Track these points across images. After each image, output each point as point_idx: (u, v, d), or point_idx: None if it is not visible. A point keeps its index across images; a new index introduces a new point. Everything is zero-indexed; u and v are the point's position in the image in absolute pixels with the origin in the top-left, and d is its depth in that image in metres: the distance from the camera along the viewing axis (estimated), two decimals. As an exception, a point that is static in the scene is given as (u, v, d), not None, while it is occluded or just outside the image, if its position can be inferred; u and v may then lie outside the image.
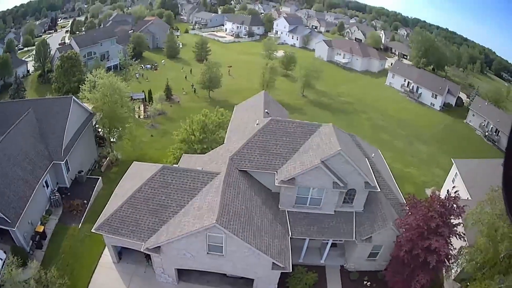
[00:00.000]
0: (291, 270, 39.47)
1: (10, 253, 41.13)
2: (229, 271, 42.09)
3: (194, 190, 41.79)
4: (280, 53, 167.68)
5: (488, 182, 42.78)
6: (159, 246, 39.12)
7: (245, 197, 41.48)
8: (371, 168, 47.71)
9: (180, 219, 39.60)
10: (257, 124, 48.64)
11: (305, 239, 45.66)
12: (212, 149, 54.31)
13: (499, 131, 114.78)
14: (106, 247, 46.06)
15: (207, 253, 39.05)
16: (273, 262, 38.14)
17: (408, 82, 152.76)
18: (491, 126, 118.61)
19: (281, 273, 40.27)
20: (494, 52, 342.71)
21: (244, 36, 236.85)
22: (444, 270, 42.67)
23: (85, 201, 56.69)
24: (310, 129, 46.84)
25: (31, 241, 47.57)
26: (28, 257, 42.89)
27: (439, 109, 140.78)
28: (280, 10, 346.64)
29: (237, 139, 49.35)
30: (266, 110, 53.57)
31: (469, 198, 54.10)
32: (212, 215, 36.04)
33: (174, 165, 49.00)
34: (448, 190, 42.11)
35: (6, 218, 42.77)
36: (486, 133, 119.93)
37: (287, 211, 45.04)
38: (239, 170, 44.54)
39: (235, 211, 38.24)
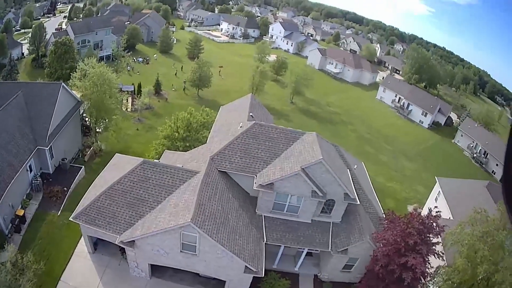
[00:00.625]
0: (263, 275, 38.97)
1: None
2: (201, 271, 41.66)
3: (172, 187, 41.44)
4: (272, 58, 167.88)
5: (471, 203, 42.87)
6: (134, 241, 38.69)
7: (222, 198, 41.03)
8: (352, 180, 47.30)
9: (156, 215, 39.17)
10: (241, 126, 48.07)
11: (280, 245, 45.21)
12: (195, 147, 53.96)
13: (487, 154, 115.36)
14: (82, 236, 45.51)
15: (181, 251, 38.62)
16: (245, 266, 37.79)
17: (399, 97, 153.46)
18: (480, 148, 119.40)
19: (254, 277, 39.69)
20: (489, 75, 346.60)
21: (239, 38, 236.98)
22: (421, 286, 42.31)
23: (65, 188, 56.11)
24: (294, 136, 46.44)
25: (10, 224, 47.05)
26: (6, 240, 42.30)
27: (427, 127, 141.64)
28: (277, 15, 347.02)
29: (219, 140, 48.86)
30: (251, 114, 52.94)
31: (451, 218, 54.18)
32: (188, 213, 35.62)
33: (155, 160, 48.52)
34: (429, 208, 41.96)
35: (-14, 199, 42.10)
36: (474, 155, 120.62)
37: (264, 216, 44.60)
38: (219, 170, 44.14)
39: (211, 212, 37.80)
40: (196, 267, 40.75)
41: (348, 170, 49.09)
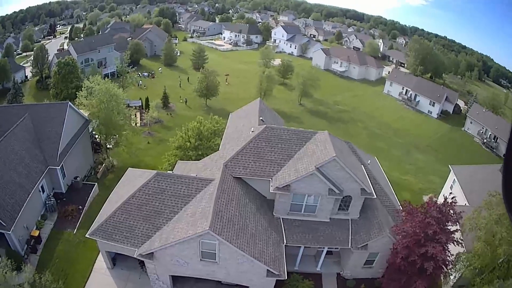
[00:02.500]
0: (286, 278, 38.94)
1: (4, 257, 40.29)
2: (223, 278, 41.40)
3: (188, 197, 41.43)
4: (277, 62, 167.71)
5: (486, 188, 42.55)
6: (152, 253, 38.65)
7: (239, 204, 41.06)
8: (367, 174, 47.37)
9: (173, 226, 39.20)
10: (252, 131, 48.27)
11: (300, 246, 45.21)
12: (207, 155, 53.92)
13: (497, 138, 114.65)
14: (100, 252, 45.73)
15: (200, 260, 38.47)
16: (267, 269, 37.65)
17: (406, 90, 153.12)
18: (489, 133, 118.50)
19: (277, 280, 39.64)
20: (492, 59, 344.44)
21: (242, 45, 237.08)
22: (442, 277, 42.06)
23: (80, 207, 56.42)
24: (305, 136, 46.51)
25: (26, 245, 47.23)
26: (23, 261, 42.11)
27: (436, 116, 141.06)
28: (278, 19, 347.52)
29: (231, 146, 48.93)
30: (261, 118, 53.12)
31: (467, 204, 53.88)
32: (205, 221, 35.64)
33: (168, 172, 48.62)
34: (444, 196, 41.91)
35: (1, 221, 42.45)
36: (485, 140, 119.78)
37: (282, 218, 44.64)
38: (233, 176, 44.20)
39: (229, 218, 37.84)
40: (217, 275, 40.57)
41: (362, 165, 49.09)
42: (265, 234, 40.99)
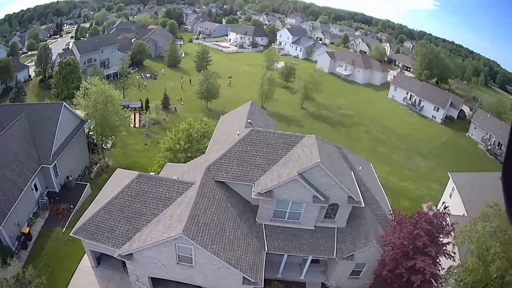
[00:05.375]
0: (262, 286, 37.94)
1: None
2: (200, 283, 40.67)
3: (169, 200, 41.24)
4: (281, 64, 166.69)
5: (486, 197, 41.17)
6: (131, 254, 38.62)
7: (219, 209, 40.34)
8: (357, 181, 45.99)
9: (152, 228, 39.04)
10: (238, 134, 47.19)
11: (283, 254, 44.08)
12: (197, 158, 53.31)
13: (501, 145, 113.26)
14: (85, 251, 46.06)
15: (177, 263, 38.23)
16: (243, 277, 36.95)
17: (411, 95, 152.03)
18: (494, 139, 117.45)
19: (256, 288, 38.89)
20: (499, 65, 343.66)
21: (247, 47, 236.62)
22: (433, 289, 40.70)
23: (72, 206, 57.62)
24: (292, 140, 45.17)
25: (16, 241, 48.47)
26: (13, 256, 42.51)
27: (440, 122, 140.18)
28: (285, 21, 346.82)
29: (217, 149, 48.10)
30: (249, 120, 52.10)
31: (466, 214, 52.76)
32: (180, 225, 35.31)
33: (151, 174, 48.50)
34: (437, 207, 40.70)
35: (-8, 217, 43.31)
36: (489, 147, 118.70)
37: (264, 224, 43.56)
38: (216, 180, 43.28)
39: (205, 223, 37.21)
40: (195, 280, 40.07)
41: (352, 172, 47.74)
42: (245, 240, 40.20)
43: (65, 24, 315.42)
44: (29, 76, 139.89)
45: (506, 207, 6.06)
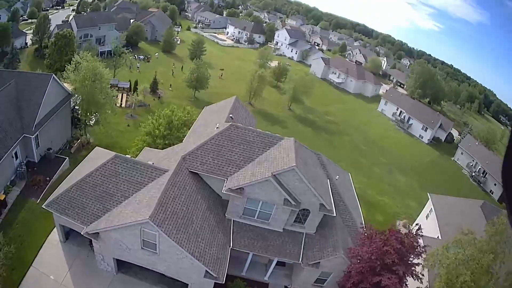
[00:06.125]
0: (223, 282, 37.75)
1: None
2: (163, 271, 40.50)
3: (141, 184, 41.11)
4: (274, 64, 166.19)
5: (463, 223, 41.18)
6: (98, 233, 38.60)
7: (189, 199, 40.09)
8: (332, 190, 45.71)
9: (121, 210, 38.93)
10: (217, 127, 46.75)
11: (249, 252, 43.72)
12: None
13: (486, 173, 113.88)
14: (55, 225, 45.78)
15: (142, 248, 38.11)
16: (206, 270, 36.80)
17: (401, 111, 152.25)
18: (479, 167, 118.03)
19: (218, 283, 38.39)
20: (495, 94, 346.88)
21: (244, 43, 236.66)
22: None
23: (48, 178, 57.11)
24: (271, 141, 44.80)
25: None
26: None
27: (427, 142, 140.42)
28: (286, 22, 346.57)
29: (194, 140, 47.78)
30: (230, 115, 51.60)
31: (439, 237, 52.58)
32: (148, 211, 35.10)
33: (127, 156, 47.59)
34: (411, 225, 40.43)
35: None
36: (473, 174, 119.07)
37: (233, 220, 43.33)
38: (189, 171, 42.97)
39: (174, 211, 37.01)
40: (158, 267, 39.95)
41: (328, 180, 47.40)
42: (211, 234, 40.00)
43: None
44: (26, 43, 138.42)
45: (507, 207, 5.41)
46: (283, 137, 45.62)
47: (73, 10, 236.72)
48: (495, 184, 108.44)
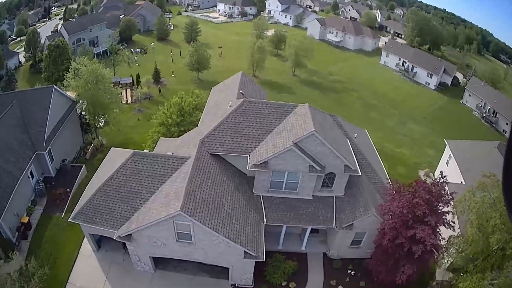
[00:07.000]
0: (264, 259, 37.80)
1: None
2: (201, 259, 40.52)
3: (164, 176, 40.85)
4: (271, 32, 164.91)
5: (483, 166, 40.58)
6: (130, 234, 38.36)
7: (215, 182, 39.91)
8: (353, 149, 45.48)
9: (149, 206, 38.67)
10: (230, 106, 46.49)
11: (282, 225, 43.65)
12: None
13: (496, 113, 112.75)
14: (85, 236, 45.54)
15: (177, 240, 38.05)
16: (244, 251, 36.71)
17: (403, 61, 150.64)
18: (488, 107, 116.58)
19: (260, 261, 38.56)
20: (492, 34, 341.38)
21: (237, 17, 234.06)
22: (434, 259, 40.02)
23: (68, 190, 56.59)
24: (285, 110, 44.59)
25: (16, 232, 47.65)
26: (15, 249, 42.15)
27: (434, 88, 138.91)
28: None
29: (209, 122, 47.45)
30: (241, 91, 51.27)
31: (463, 182, 52.22)
32: (177, 202, 34.82)
33: (145, 151, 47.59)
34: (434, 174, 40.06)
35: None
36: (484, 114, 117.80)
37: (262, 196, 43.28)
38: (210, 154, 42.75)
39: (203, 198, 36.75)
40: (195, 256, 39.88)
41: (347, 140, 47.17)
42: (243, 213, 39.89)
43: (53, 7, 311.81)
44: (20, 62, 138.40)
45: (507, 207, 5.49)
46: (297, 104, 45.34)
47: (60, 19, 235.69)
48: (507, 124, 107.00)
